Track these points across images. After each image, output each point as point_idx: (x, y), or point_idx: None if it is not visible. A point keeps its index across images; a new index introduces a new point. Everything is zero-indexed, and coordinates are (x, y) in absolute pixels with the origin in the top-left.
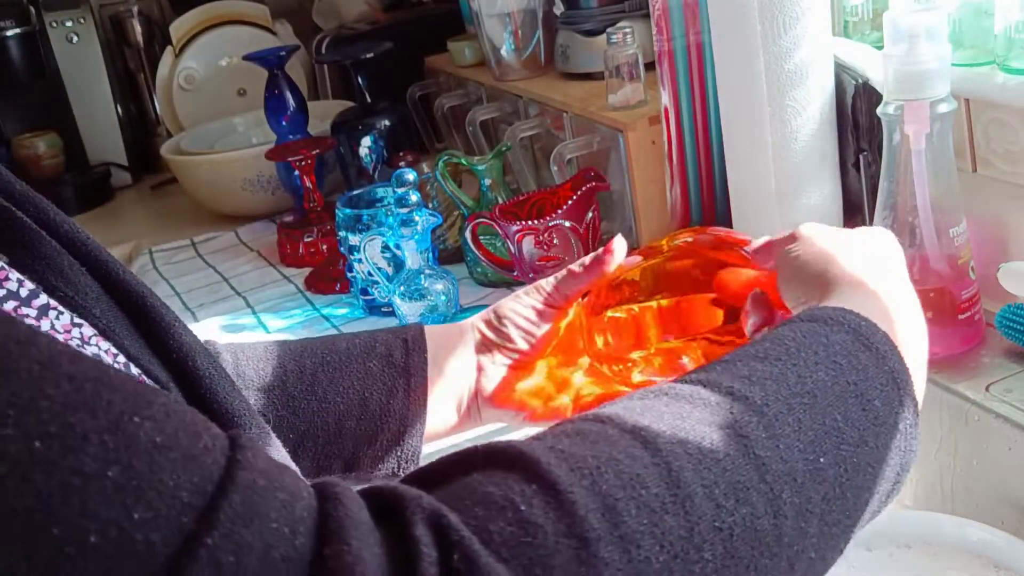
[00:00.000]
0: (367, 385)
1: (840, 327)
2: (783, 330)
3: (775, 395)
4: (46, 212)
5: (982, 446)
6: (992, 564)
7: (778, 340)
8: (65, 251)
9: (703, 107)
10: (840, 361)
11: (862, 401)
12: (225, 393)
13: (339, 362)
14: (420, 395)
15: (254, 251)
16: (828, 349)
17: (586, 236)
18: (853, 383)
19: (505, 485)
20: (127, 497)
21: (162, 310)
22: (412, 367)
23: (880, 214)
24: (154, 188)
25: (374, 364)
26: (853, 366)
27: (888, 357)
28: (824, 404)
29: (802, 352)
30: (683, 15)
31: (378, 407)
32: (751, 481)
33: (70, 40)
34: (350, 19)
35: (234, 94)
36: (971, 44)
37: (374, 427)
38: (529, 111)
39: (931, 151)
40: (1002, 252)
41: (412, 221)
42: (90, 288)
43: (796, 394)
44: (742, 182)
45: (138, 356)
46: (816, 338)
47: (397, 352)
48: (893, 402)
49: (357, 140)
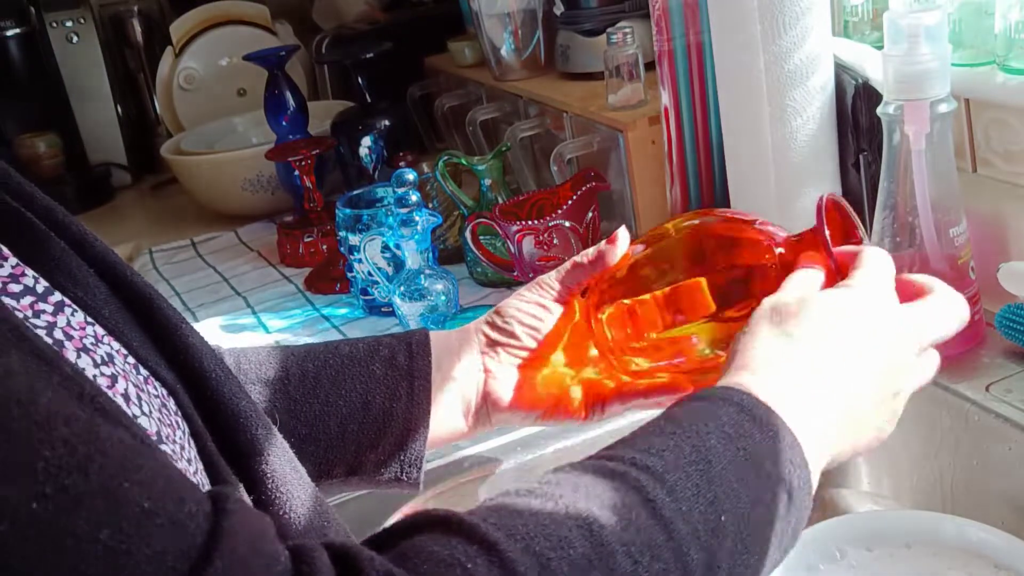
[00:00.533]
0: (370, 388)
1: (726, 403)
2: (675, 410)
3: (674, 464)
4: (55, 213)
5: (982, 446)
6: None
7: (671, 418)
8: (74, 252)
9: (703, 107)
10: (729, 431)
11: (753, 464)
12: (231, 394)
13: (341, 365)
14: (424, 399)
15: (254, 251)
16: (717, 421)
17: (586, 236)
18: (743, 449)
19: (450, 546)
20: (118, 559)
21: (169, 312)
22: (416, 370)
23: (880, 214)
24: (154, 188)
25: (377, 367)
26: (741, 434)
27: (771, 425)
28: (719, 468)
29: (694, 426)
30: (683, 15)
31: (381, 410)
32: (661, 540)
33: (70, 40)
34: (350, 19)
35: (234, 94)
36: (971, 44)
37: (377, 431)
38: (529, 111)
39: (931, 151)
40: (1002, 252)
41: (412, 221)
42: (98, 289)
43: (692, 462)
44: (742, 182)
45: (146, 357)
46: (705, 413)
47: (401, 355)
48: (784, 464)
49: (357, 140)
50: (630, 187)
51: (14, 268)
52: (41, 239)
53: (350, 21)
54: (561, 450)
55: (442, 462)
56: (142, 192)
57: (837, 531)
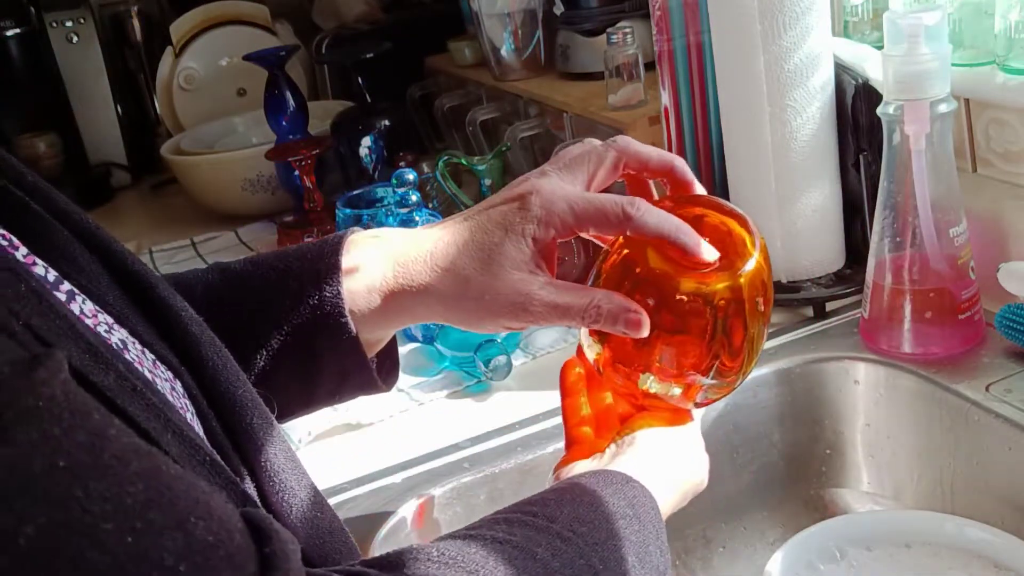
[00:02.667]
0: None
1: (622, 480)
2: (583, 480)
3: (596, 537)
4: (56, 203)
5: (982, 446)
6: (992, 564)
7: (585, 490)
8: (77, 240)
9: (703, 107)
10: (626, 511)
11: (641, 546)
12: (228, 383)
13: (266, 279)
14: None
15: (254, 251)
16: (616, 498)
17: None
18: (637, 529)
19: None
20: None
21: (171, 299)
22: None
23: (880, 214)
24: (154, 188)
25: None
26: (634, 514)
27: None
28: (623, 545)
29: (607, 499)
30: (683, 15)
31: (303, 341)
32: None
33: (70, 40)
34: (350, 19)
35: (234, 94)
36: (971, 44)
37: (308, 364)
38: (529, 111)
39: (931, 151)
40: (1002, 252)
41: (412, 221)
42: (102, 276)
43: (608, 537)
44: (742, 182)
45: (151, 342)
46: (611, 487)
47: (308, 285)
48: (659, 543)
49: (357, 140)
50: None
51: (25, 257)
52: (46, 228)
53: (350, 21)
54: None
55: (443, 462)
56: (142, 192)
57: (837, 531)
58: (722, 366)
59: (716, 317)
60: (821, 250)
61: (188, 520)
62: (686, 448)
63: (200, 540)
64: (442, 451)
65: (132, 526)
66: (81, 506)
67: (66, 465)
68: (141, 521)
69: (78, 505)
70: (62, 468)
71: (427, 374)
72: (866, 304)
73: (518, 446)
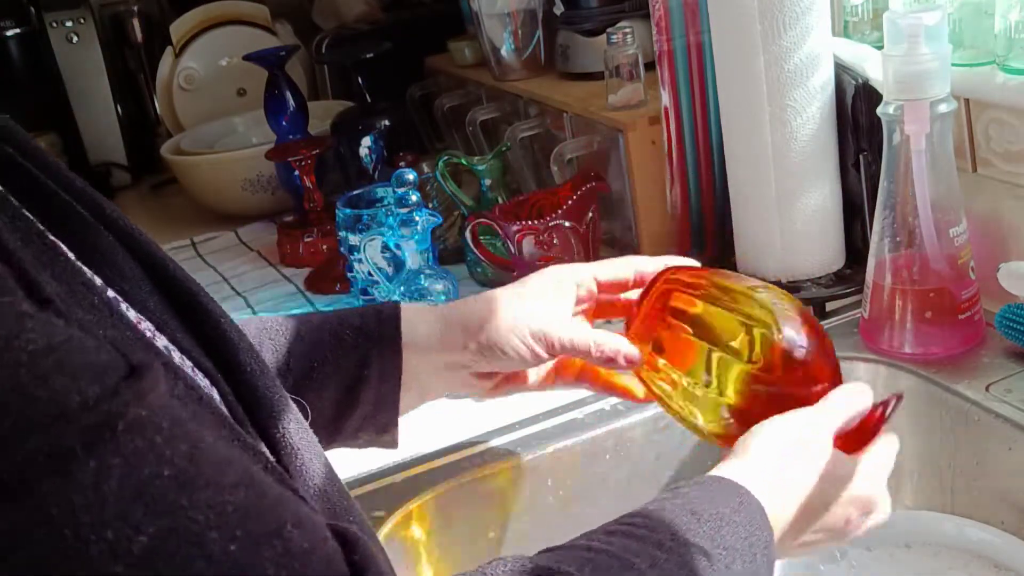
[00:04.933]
0: (342, 354)
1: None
2: (687, 490)
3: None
4: (102, 207)
5: (982, 446)
6: (992, 564)
7: (687, 499)
8: (120, 246)
9: (703, 107)
10: (734, 518)
11: (746, 556)
12: (265, 388)
13: (319, 337)
14: (393, 363)
15: (254, 251)
16: (720, 508)
17: (586, 236)
18: (742, 538)
19: None
20: None
21: (210, 306)
22: (384, 336)
23: (880, 214)
24: (154, 188)
25: (348, 334)
26: (738, 521)
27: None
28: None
29: (714, 508)
30: (683, 15)
31: (352, 376)
32: None
33: (70, 40)
34: (350, 19)
35: (234, 94)
36: (971, 44)
37: (350, 396)
38: (529, 111)
39: (931, 151)
40: (1002, 252)
41: (412, 221)
42: (143, 282)
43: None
44: (742, 182)
45: (190, 349)
46: (714, 499)
47: (371, 323)
48: (764, 558)
49: (357, 140)
50: (630, 187)
51: (75, 263)
52: (90, 232)
53: (350, 21)
54: (561, 449)
55: (443, 462)
56: (142, 192)
57: None
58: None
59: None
60: (821, 250)
61: (285, 528)
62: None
63: (297, 547)
64: (442, 451)
65: (234, 535)
66: (187, 515)
67: (171, 474)
68: (241, 530)
69: (184, 514)
70: (167, 477)
71: None
72: (866, 304)
73: (518, 446)
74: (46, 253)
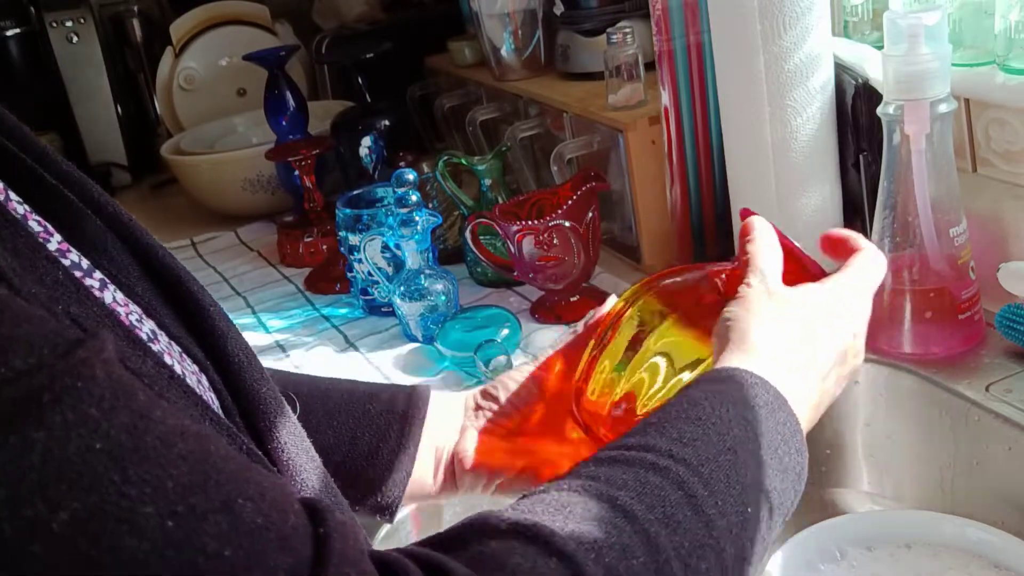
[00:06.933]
0: (361, 424)
1: (741, 386)
2: (695, 392)
3: (706, 455)
4: (90, 192)
5: (982, 446)
6: (992, 564)
7: (693, 402)
8: (108, 230)
9: (703, 107)
10: (748, 417)
11: (768, 451)
12: (253, 380)
13: (340, 399)
14: (412, 444)
15: (254, 251)
16: (736, 407)
17: (586, 236)
18: (760, 436)
19: (531, 558)
20: None
21: (200, 294)
22: (410, 416)
23: (880, 214)
24: (154, 188)
25: (373, 407)
26: (757, 420)
27: (781, 411)
28: (743, 458)
29: (716, 411)
30: (683, 15)
31: (367, 448)
32: (704, 538)
33: (70, 40)
34: (350, 19)
35: (234, 94)
36: (971, 44)
37: (360, 467)
38: (529, 111)
39: (931, 151)
40: (1002, 252)
41: (412, 221)
42: (132, 267)
43: (721, 451)
44: (742, 182)
45: (179, 335)
46: (725, 397)
47: (399, 401)
48: (792, 452)
49: (357, 140)
50: (630, 187)
51: (60, 244)
52: (78, 216)
53: (350, 21)
54: None
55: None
56: (142, 192)
57: (837, 531)
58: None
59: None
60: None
61: (235, 502)
62: (810, 307)
63: (247, 523)
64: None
65: (172, 510)
66: (119, 490)
67: (103, 448)
68: (183, 505)
69: (115, 489)
70: (98, 451)
71: (427, 374)
72: None
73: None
74: (5, 227)
